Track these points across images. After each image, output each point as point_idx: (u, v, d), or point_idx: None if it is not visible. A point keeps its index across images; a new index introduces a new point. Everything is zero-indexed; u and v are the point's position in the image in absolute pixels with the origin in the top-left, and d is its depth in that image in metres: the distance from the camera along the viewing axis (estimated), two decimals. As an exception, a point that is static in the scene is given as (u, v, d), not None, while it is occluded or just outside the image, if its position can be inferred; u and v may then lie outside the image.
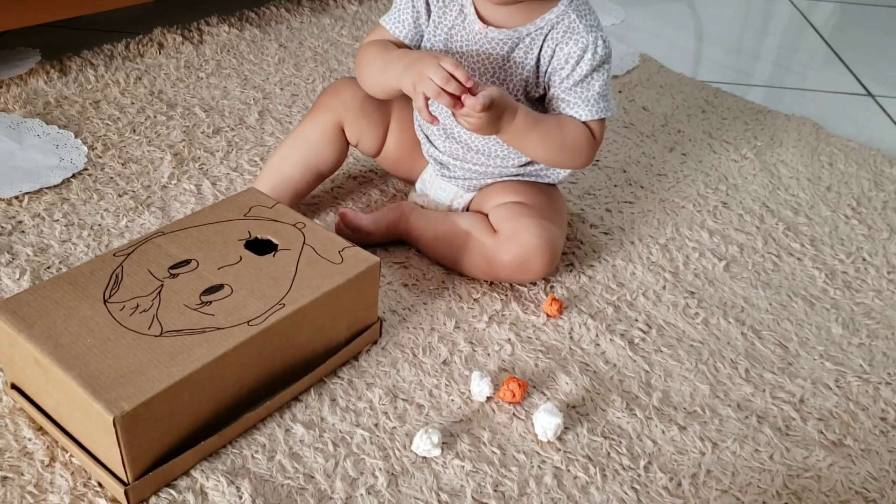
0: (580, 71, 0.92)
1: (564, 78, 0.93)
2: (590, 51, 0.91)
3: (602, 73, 0.93)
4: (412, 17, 0.97)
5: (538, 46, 0.93)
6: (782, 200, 1.24)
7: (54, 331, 0.71)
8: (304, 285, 0.79)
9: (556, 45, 0.92)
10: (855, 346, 0.98)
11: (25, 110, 1.24)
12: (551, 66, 0.93)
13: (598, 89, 0.93)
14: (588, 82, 0.93)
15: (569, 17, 0.92)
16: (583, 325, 0.95)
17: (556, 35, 0.92)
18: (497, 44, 0.93)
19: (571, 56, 0.92)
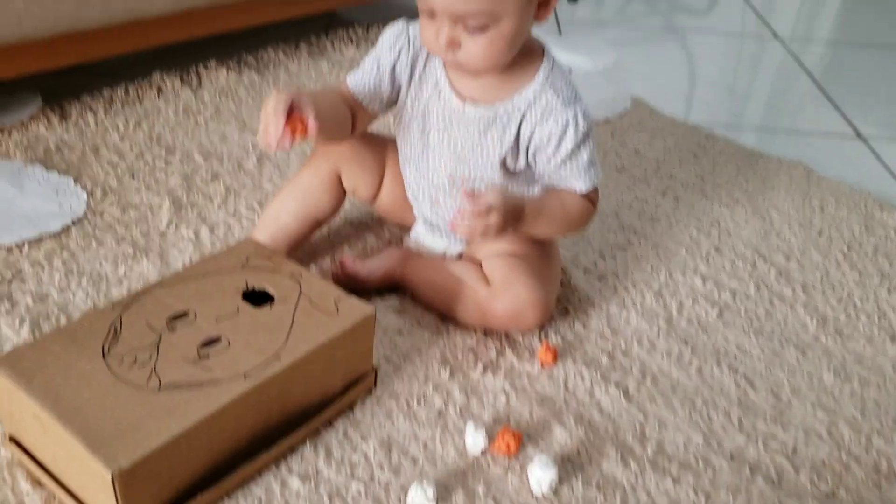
0: (565, 148, 0.92)
1: (551, 156, 0.93)
2: (571, 127, 0.91)
3: (587, 144, 0.93)
4: (374, 82, 0.98)
5: (516, 124, 0.93)
6: (774, 246, 1.26)
7: (53, 385, 0.72)
8: (301, 337, 0.80)
9: (535, 124, 0.93)
10: (847, 395, 0.99)
11: (26, 156, 1.25)
12: (533, 145, 0.94)
13: (587, 159, 0.94)
14: (576, 156, 0.93)
15: (546, 95, 0.92)
16: (577, 375, 0.96)
17: (535, 113, 0.93)
18: (474, 120, 0.94)
19: (553, 134, 0.92)
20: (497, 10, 0.84)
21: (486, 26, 0.85)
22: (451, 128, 0.96)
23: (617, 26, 2.17)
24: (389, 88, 0.98)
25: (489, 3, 0.83)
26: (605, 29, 2.13)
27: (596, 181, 0.96)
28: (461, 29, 0.85)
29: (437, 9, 0.84)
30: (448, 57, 0.89)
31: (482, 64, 0.89)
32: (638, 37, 2.12)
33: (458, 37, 0.86)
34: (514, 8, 0.84)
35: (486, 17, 0.84)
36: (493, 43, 0.86)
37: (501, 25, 0.85)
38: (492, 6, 0.83)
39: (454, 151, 0.97)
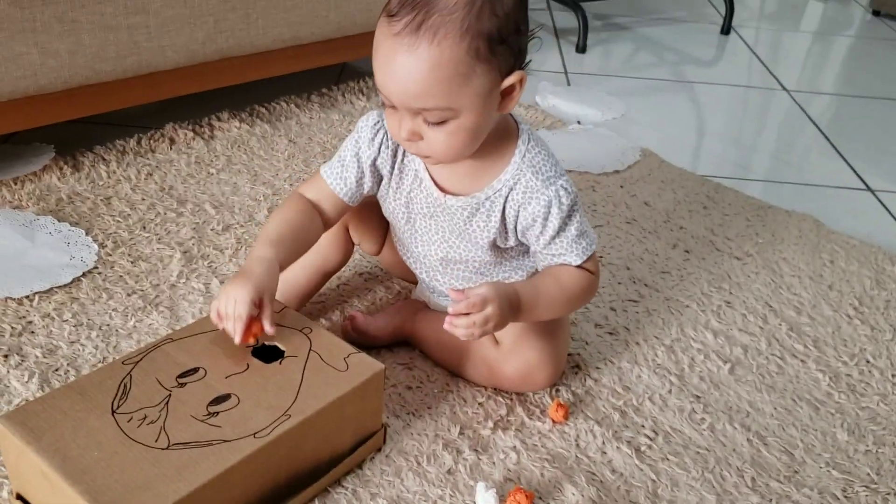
0: (552, 226, 0.90)
1: (538, 235, 0.91)
2: (554, 205, 0.89)
3: (574, 217, 0.91)
4: (356, 177, 0.95)
5: (499, 209, 0.92)
6: (785, 300, 1.25)
7: (62, 443, 0.71)
8: (310, 394, 0.80)
9: (518, 206, 0.91)
10: (861, 454, 0.97)
11: (38, 207, 1.26)
12: (520, 225, 0.92)
13: (576, 232, 0.91)
14: (564, 232, 0.91)
15: (525, 177, 0.90)
16: (589, 432, 0.95)
17: (517, 196, 0.90)
18: (457, 210, 0.93)
19: (538, 215, 0.90)
20: (454, 106, 0.81)
21: (445, 120, 0.82)
22: (436, 216, 0.95)
23: (625, 77, 2.19)
24: (371, 181, 0.96)
25: (445, 100, 0.80)
26: (613, 80, 2.15)
27: (589, 251, 0.92)
28: (421, 121, 0.83)
29: (394, 101, 0.82)
30: (411, 149, 0.87)
31: (445, 156, 0.86)
32: (646, 87, 2.13)
33: (418, 129, 0.83)
34: (471, 102, 0.81)
35: (444, 113, 0.81)
36: (454, 135, 0.83)
37: (462, 119, 0.82)
38: (448, 102, 0.80)
39: (442, 237, 0.96)
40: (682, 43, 2.53)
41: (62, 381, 0.94)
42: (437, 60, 0.78)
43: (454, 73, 0.79)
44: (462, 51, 0.78)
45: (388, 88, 0.81)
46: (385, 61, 0.80)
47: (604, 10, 2.75)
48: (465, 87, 0.80)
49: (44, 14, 1.24)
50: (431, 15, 0.77)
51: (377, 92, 0.83)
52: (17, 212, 1.24)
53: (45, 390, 0.92)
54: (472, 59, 0.79)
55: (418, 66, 0.78)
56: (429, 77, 0.79)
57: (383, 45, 0.80)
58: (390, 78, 0.80)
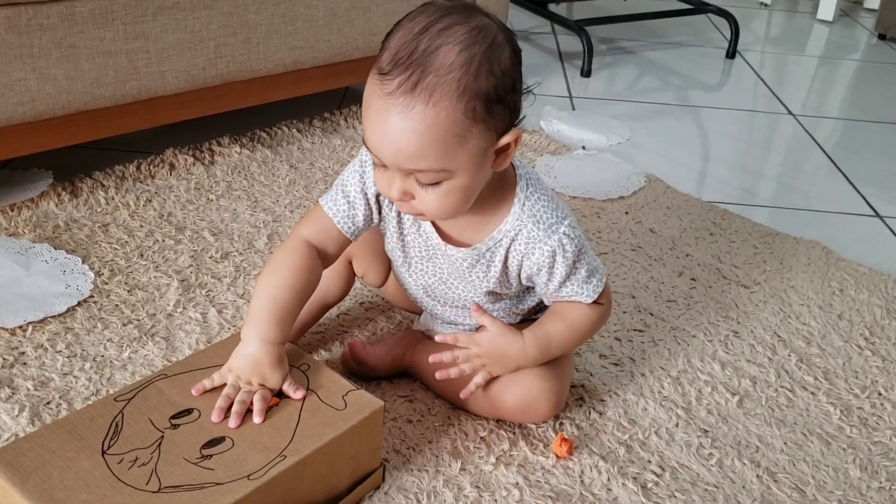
0: (559, 273, 0.89)
1: (546, 282, 0.90)
2: (559, 254, 0.88)
3: (581, 260, 0.89)
4: (363, 215, 0.92)
5: (501, 258, 0.90)
6: (794, 329, 1.23)
7: (49, 485, 0.69)
8: (307, 434, 0.78)
9: (521, 256, 0.89)
10: (875, 491, 0.95)
11: (35, 234, 1.24)
12: (524, 273, 0.91)
13: (585, 273, 0.90)
14: (573, 276, 0.90)
15: (526, 228, 0.88)
16: (594, 468, 0.93)
17: (519, 247, 0.89)
18: (457, 260, 0.92)
19: (543, 265, 0.88)
20: (449, 167, 0.78)
21: (438, 182, 0.80)
22: (434, 259, 0.94)
23: (630, 101, 2.17)
24: (376, 216, 0.93)
25: (439, 162, 0.77)
26: (618, 104, 2.14)
27: (600, 289, 0.91)
28: (413, 181, 0.80)
29: (386, 161, 0.79)
30: (403, 208, 0.84)
31: (438, 216, 0.85)
32: (651, 112, 2.12)
33: (411, 189, 0.81)
34: (466, 163, 0.79)
35: (438, 175, 0.79)
36: (447, 196, 0.81)
37: (456, 179, 0.80)
38: (442, 164, 0.78)
39: (439, 279, 0.95)
40: (687, 67, 2.52)
41: (54, 414, 0.92)
42: (433, 122, 0.75)
43: (450, 135, 0.76)
44: (458, 112, 0.76)
45: (380, 149, 0.78)
46: (377, 121, 0.77)
47: (609, 34, 2.74)
48: (460, 148, 0.78)
49: (42, 39, 1.22)
50: (427, 75, 0.75)
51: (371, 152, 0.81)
52: (13, 239, 1.22)
53: (36, 425, 0.90)
54: (468, 121, 0.77)
55: (413, 128, 0.75)
56: (423, 139, 0.76)
57: (375, 104, 0.77)
58: (382, 138, 0.77)
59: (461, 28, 0.76)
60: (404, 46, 0.76)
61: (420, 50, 0.75)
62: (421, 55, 0.75)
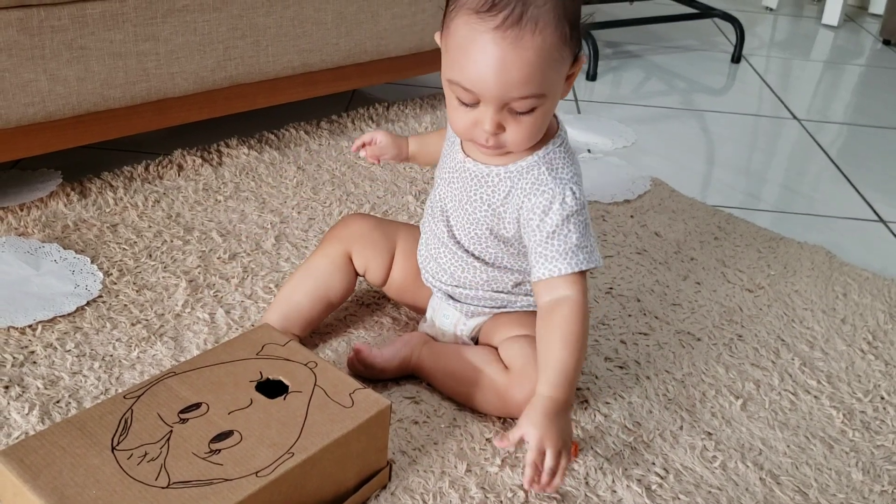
0: (550, 222, 0.90)
1: (535, 229, 0.92)
2: (557, 201, 0.90)
3: (577, 223, 0.91)
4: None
5: (504, 190, 0.94)
6: (797, 333, 1.23)
7: (60, 481, 0.70)
8: (314, 431, 0.78)
9: (523, 196, 0.92)
10: (877, 494, 0.95)
11: (44, 234, 1.25)
12: (522, 218, 0.93)
13: (576, 241, 0.91)
14: (563, 234, 0.90)
15: (538, 169, 0.92)
16: (598, 470, 0.93)
17: (525, 185, 0.92)
18: (468, 175, 0.96)
19: (537, 207, 0.91)
20: (547, 91, 0.85)
21: (533, 108, 0.86)
22: (453, 182, 0.98)
23: (635, 105, 2.18)
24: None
25: (542, 86, 0.84)
26: (624, 107, 2.15)
27: (583, 266, 0.91)
28: (506, 113, 0.86)
29: (486, 96, 0.84)
30: (489, 142, 0.89)
31: (524, 143, 0.90)
32: (656, 115, 2.12)
33: (504, 121, 0.87)
34: (556, 86, 0.86)
35: (537, 100, 0.85)
36: (537, 121, 0.87)
37: (546, 103, 0.87)
38: (544, 88, 0.84)
39: (451, 205, 0.99)
40: (692, 71, 2.53)
41: (63, 413, 0.93)
42: (541, 48, 0.82)
43: (552, 59, 0.83)
44: (557, 37, 0.83)
45: (486, 82, 0.83)
46: (483, 55, 0.82)
47: (614, 37, 2.75)
48: (556, 72, 0.85)
49: (52, 41, 1.24)
50: (528, 6, 0.81)
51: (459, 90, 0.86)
52: (23, 239, 1.23)
53: (46, 423, 0.91)
54: (562, 44, 0.84)
55: (524, 56, 0.82)
56: (532, 66, 0.82)
57: (479, 40, 0.82)
58: (490, 71, 0.82)
59: None
60: None
61: None
62: None
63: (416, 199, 1.49)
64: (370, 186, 1.52)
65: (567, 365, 0.88)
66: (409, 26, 1.74)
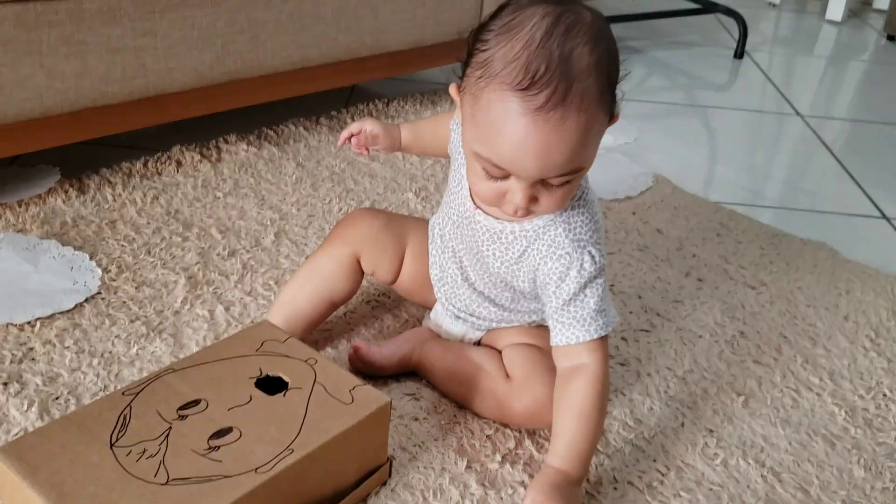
0: (567, 289, 0.86)
1: (551, 295, 0.87)
2: (574, 268, 0.85)
3: (595, 287, 0.86)
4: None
5: (520, 249, 0.89)
6: (800, 330, 1.23)
7: (58, 478, 0.70)
8: (314, 428, 0.78)
9: (539, 259, 0.88)
10: (879, 491, 0.95)
11: (42, 230, 1.25)
12: (538, 281, 0.89)
13: (594, 306, 0.86)
14: (581, 300, 0.86)
15: (555, 230, 0.87)
16: (599, 466, 0.93)
17: (541, 248, 0.88)
18: (479, 228, 0.92)
19: (553, 273, 0.87)
20: (585, 164, 0.80)
21: (570, 181, 0.80)
22: (462, 226, 0.95)
23: (637, 101, 2.17)
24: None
25: (580, 162, 0.79)
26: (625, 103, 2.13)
27: (603, 332, 0.87)
28: (540, 186, 0.80)
29: (521, 175, 0.78)
30: (520, 213, 0.82)
31: (554, 210, 0.84)
32: (658, 111, 2.12)
33: (538, 194, 0.80)
34: (595, 152, 0.81)
35: (575, 174, 0.79)
36: (570, 190, 0.82)
37: (583, 171, 0.81)
38: (582, 163, 0.79)
39: (466, 247, 0.96)
40: (694, 67, 2.52)
41: (62, 409, 0.92)
42: (585, 128, 0.76)
43: (594, 133, 0.78)
44: (598, 106, 0.77)
45: (524, 164, 0.77)
46: (522, 138, 0.75)
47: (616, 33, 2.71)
48: (596, 142, 0.80)
49: (50, 36, 1.23)
50: (572, 83, 0.74)
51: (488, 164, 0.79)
52: (21, 235, 1.22)
53: (45, 419, 0.90)
54: (603, 115, 0.79)
55: (567, 138, 0.75)
56: (577, 145, 0.76)
57: (517, 122, 0.75)
58: (529, 155, 0.76)
59: (580, 25, 0.76)
60: (536, 57, 0.74)
61: (555, 58, 0.74)
62: (559, 63, 0.74)
63: (417, 195, 1.48)
64: (370, 183, 1.51)
65: (576, 440, 0.84)
66: (408, 20, 1.73)
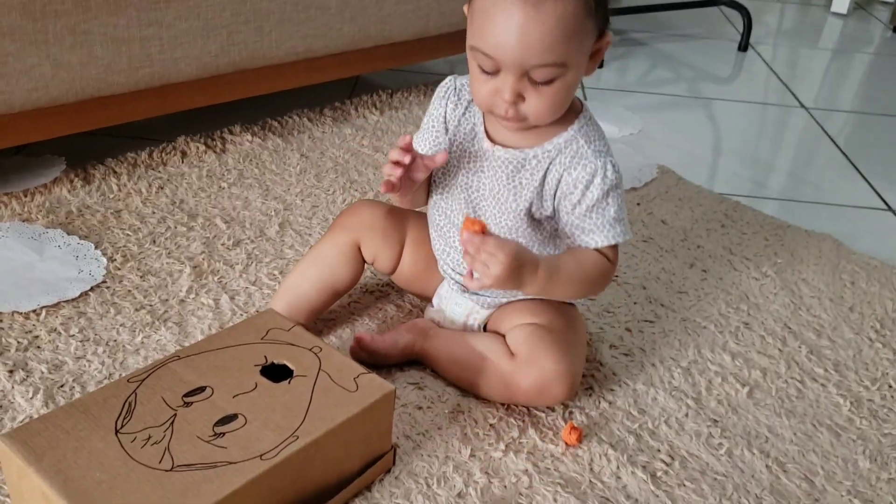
0: (591, 196, 0.91)
1: (576, 203, 0.92)
2: (598, 175, 0.91)
3: (615, 196, 0.92)
4: (431, 137, 1.00)
5: (543, 169, 0.93)
6: (804, 321, 1.22)
7: (63, 464, 0.70)
8: (319, 415, 0.78)
9: (563, 170, 0.92)
10: (884, 482, 0.94)
11: (48, 220, 1.25)
12: (560, 192, 0.93)
13: (614, 214, 0.92)
14: (602, 207, 0.92)
15: (577, 143, 0.92)
16: (603, 456, 0.93)
17: (564, 160, 0.92)
18: (502, 163, 0.94)
19: (580, 181, 0.91)
20: (567, 62, 0.84)
21: (553, 79, 0.85)
22: (480, 171, 0.96)
23: (642, 93, 2.17)
24: (444, 136, 0.99)
25: (561, 55, 0.83)
26: (630, 96, 2.13)
27: (619, 239, 0.93)
28: (526, 82, 0.85)
29: (505, 63, 0.84)
30: (510, 113, 0.88)
31: (545, 116, 0.89)
32: (663, 103, 2.11)
33: (523, 91, 0.86)
34: (578, 59, 0.86)
35: (556, 70, 0.84)
36: (557, 94, 0.87)
37: (567, 76, 0.86)
38: (563, 57, 0.84)
39: (481, 194, 0.97)
40: (699, 59, 2.51)
41: (67, 397, 0.92)
42: (561, 15, 0.82)
43: (571, 28, 0.83)
44: (580, 7, 0.83)
45: (505, 49, 0.83)
46: (504, 20, 0.82)
47: (620, 25, 2.73)
48: (578, 43, 0.85)
49: (56, 26, 1.23)
50: None
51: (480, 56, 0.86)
52: (27, 224, 1.23)
53: (50, 407, 0.91)
54: (585, 16, 0.84)
55: (543, 21, 0.81)
56: (553, 32, 0.82)
57: (501, 5, 0.82)
58: (509, 37, 0.82)
59: None
60: None
61: None
62: None
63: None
64: (373, 174, 1.51)
65: (564, 271, 0.90)
66: (413, 11, 1.73)
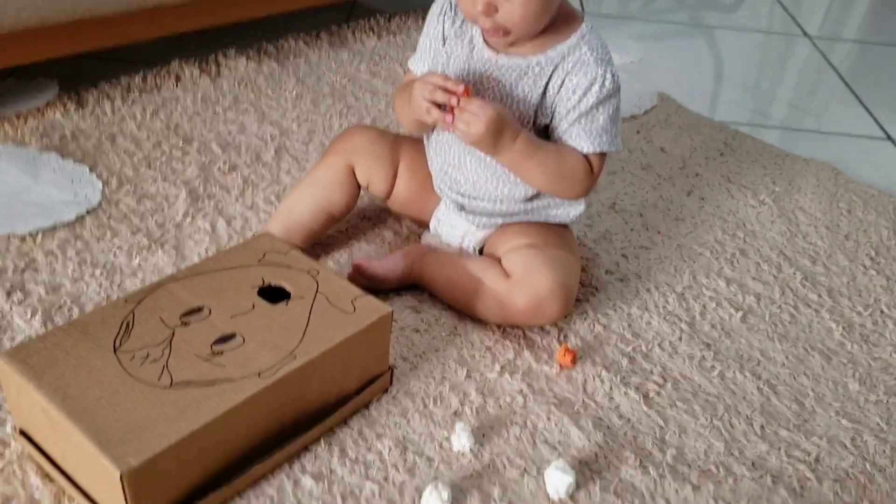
0: (586, 102, 0.92)
1: (570, 109, 0.93)
2: (597, 83, 0.92)
3: (608, 106, 0.93)
4: (430, 56, 1.00)
5: (547, 76, 0.93)
6: (800, 249, 1.23)
7: (63, 381, 0.70)
8: (316, 336, 0.79)
9: (565, 75, 0.93)
10: (872, 403, 0.96)
11: (42, 143, 1.24)
12: (558, 96, 0.94)
13: (603, 123, 0.93)
14: (593, 115, 0.93)
15: (580, 50, 0.93)
16: (597, 377, 0.94)
17: (567, 66, 0.93)
18: (506, 71, 0.94)
19: (579, 87, 0.92)
20: None
21: None
22: (482, 83, 0.96)
23: (643, 21, 2.14)
24: (442, 51, 0.99)
25: None
26: (632, 24, 2.10)
27: (604, 148, 0.94)
28: None
29: None
30: (487, 24, 0.89)
31: (521, 25, 0.89)
32: (664, 32, 2.08)
33: (495, 1, 0.86)
34: None
35: None
36: (529, 3, 0.86)
37: None
38: None
39: None
40: (701, -14, 2.47)
41: (65, 318, 0.93)
42: None
43: None
44: None
45: None
46: None
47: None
48: None
49: (46, -56, 1.20)
50: None
51: None
52: (21, 148, 1.22)
53: (48, 327, 0.91)
54: None
55: None
56: None
57: None
58: None
59: None
60: None
61: None
62: None
63: (419, 112, 1.47)
64: (371, 100, 1.50)
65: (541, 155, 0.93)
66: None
